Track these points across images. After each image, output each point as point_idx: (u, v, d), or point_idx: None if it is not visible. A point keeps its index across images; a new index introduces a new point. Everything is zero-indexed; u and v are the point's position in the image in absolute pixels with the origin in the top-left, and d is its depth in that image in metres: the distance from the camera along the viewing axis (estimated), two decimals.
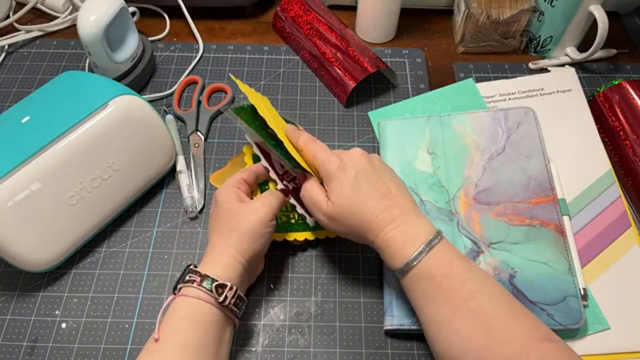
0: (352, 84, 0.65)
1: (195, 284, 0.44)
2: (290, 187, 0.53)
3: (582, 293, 0.49)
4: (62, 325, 0.51)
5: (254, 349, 0.50)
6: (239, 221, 0.47)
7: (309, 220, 0.51)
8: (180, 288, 0.45)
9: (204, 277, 0.44)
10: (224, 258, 0.46)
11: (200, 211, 0.58)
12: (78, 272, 0.54)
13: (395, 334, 0.50)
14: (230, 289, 0.44)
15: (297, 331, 0.51)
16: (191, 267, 0.46)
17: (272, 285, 0.53)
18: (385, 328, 0.50)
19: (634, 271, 0.52)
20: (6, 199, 0.47)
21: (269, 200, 0.49)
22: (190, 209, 0.57)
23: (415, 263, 0.42)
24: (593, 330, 0.49)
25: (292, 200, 0.52)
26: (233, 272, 0.46)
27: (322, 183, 0.48)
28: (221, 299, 0.43)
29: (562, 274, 0.50)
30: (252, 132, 0.53)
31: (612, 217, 0.55)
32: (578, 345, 0.48)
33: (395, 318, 0.50)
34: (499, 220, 0.53)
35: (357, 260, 0.55)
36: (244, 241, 0.47)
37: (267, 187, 0.56)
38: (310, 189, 0.48)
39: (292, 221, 0.55)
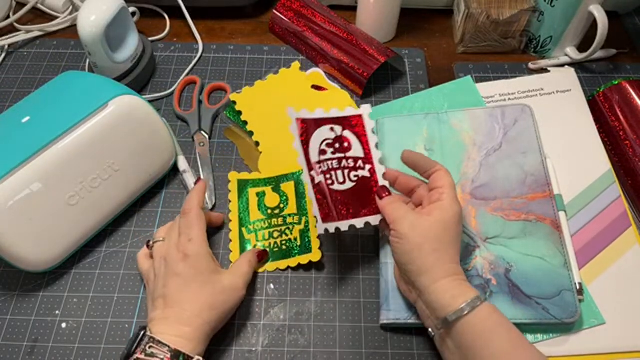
0: (366, 74, 0.65)
1: None
2: (317, 181, 0.49)
3: (578, 287, 0.49)
4: (62, 325, 0.51)
5: (254, 349, 0.50)
6: (220, 301, 0.47)
7: (318, 225, 0.49)
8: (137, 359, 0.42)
9: (175, 353, 0.42)
10: (199, 334, 0.44)
11: (212, 209, 0.58)
12: (78, 272, 0.54)
13: (395, 332, 0.50)
14: None
15: (297, 331, 0.51)
16: (150, 334, 0.43)
17: (272, 285, 0.53)
18: (382, 322, 0.50)
19: (634, 271, 0.52)
20: (6, 199, 0.47)
21: (246, 274, 0.50)
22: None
23: (466, 312, 0.42)
24: (588, 325, 0.49)
25: (312, 194, 0.49)
26: (203, 345, 0.45)
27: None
28: None
29: (558, 268, 0.50)
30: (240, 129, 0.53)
31: (612, 217, 0.55)
32: (578, 344, 0.49)
33: (391, 312, 0.50)
34: (495, 216, 0.54)
35: (357, 260, 0.55)
36: (221, 320, 0.47)
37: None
38: (400, 199, 0.50)
39: (284, 247, 0.55)
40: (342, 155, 0.51)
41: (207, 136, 0.64)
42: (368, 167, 0.51)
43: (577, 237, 0.54)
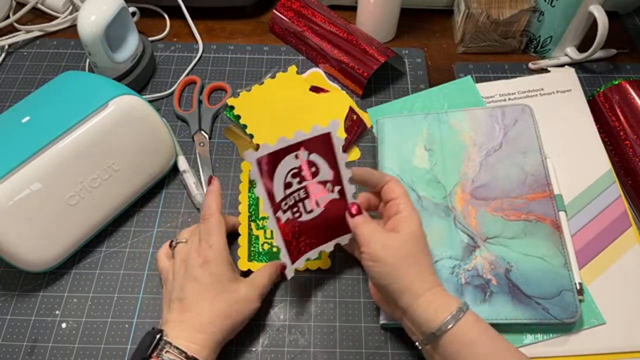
0: (366, 74, 0.65)
1: None
2: (284, 220, 0.47)
3: (578, 287, 0.49)
4: (62, 325, 0.51)
5: (254, 349, 0.50)
6: (235, 311, 0.46)
7: (288, 270, 0.49)
8: None
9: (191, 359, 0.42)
10: (212, 342, 0.44)
11: None
12: (78, 272, 0.54)
13: (395, 332, 0.50)
14: None
15: (297, 331, 0.51)
16: (166, 338, 0.43)
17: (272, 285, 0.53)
18: (382, 322, 0.50)
19: (634, 271, 0.52)
20: (6, 199, 0.47)
21: (263, 287, 0.49)
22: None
23: (450, 326, 0.41)
24: (588, 325, 0.49)
25: (279, 241, 0.47)
26: (215, 354, 0.45)
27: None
28: None
29: (558, 268, 0.50)
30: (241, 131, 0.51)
31: (612, 217, 0.55)
32: (578, 344, 0.49)
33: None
34: (495, 216, 0.54)
35: (357, 261, 0.55)
36: (234, 330, 0.47)
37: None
38: (370, 219, 0.47)
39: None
40: (309, 182, 0.48)
41: (207, 136, 0.64)
42: (337, 188, 0.49)
43: (577, 237, 0.54)
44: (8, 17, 0.75)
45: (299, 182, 0.47)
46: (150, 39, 0.73)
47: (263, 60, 0.72)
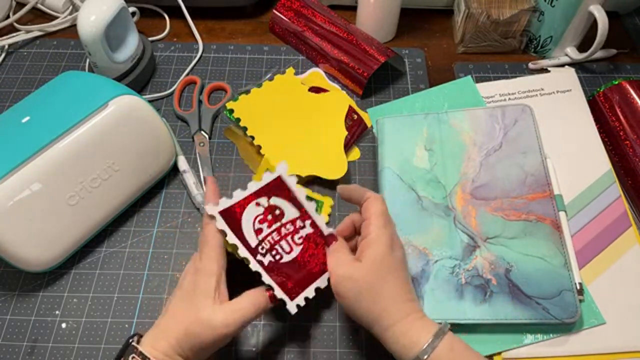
0: (366, 74, 0.65)
1: None
2: (266, 263, 0.46)
3: (578, 287, 0.49)
4: (62, 325, 0.51)
5: (254, 349, 0.50)
6: (194, 332, 0.42)
7: (289, 306, 0.46)
8: None
9: None
10: (174, 355, 0.42)
11: None
12: (78, 272, 0.54)
13: None
14: None
15: (297, 331, 0.51)
16: (134, 343, 0.42)
17: None
18: None
19: (634, 271, 0.52)
20: (6, 199, 0.47)
21: (243, 309, 0.43)
22: (203, 205, 0.57)
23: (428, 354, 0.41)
24: (588, 325, 0.49)
25: (269, 280, 0.46)
26: None
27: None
28: None
29: (558, 268, 0.50)
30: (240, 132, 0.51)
31: (612, 217, 0.55)
32: (578, 344, 0.49)
33: None
34: (495, 216, 0.54)
35: None
36: (197, 350, 0.43)
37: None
38: (341, 246, 0.47)
39: None
40: (278, 224, 0.48)
41: (207, 136, 0.64)
42: (308, 222, 0.49)
43: (577, 237, 0.54)
44: (8, 17, 0.75)
45: (269, 227, 0.48)
46: (150, 39, 0.73)
47: (263, 60, 0.72)
